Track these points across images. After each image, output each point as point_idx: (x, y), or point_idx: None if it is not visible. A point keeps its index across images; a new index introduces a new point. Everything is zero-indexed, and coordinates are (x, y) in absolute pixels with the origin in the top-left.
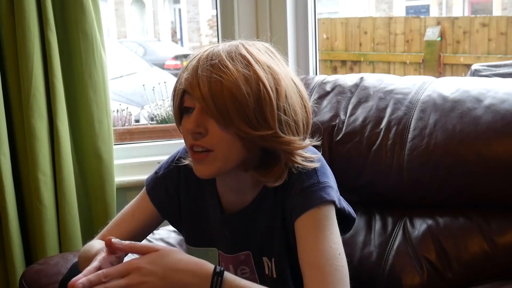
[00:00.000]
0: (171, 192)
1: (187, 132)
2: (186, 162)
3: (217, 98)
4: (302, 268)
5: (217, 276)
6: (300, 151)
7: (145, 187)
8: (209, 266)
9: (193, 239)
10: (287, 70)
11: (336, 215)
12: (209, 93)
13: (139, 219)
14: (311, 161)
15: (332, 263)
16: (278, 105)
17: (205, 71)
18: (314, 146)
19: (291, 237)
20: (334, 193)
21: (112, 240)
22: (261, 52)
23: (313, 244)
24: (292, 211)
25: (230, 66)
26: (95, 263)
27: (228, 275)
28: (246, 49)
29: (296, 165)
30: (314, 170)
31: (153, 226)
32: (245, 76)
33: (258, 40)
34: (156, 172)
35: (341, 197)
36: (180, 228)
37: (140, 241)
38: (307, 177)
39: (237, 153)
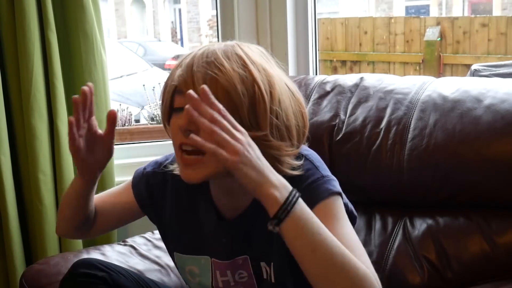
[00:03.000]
0: (155, 194)
1: (177, 129)
2: (174, 167)
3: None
4: None
5: (296, 192)
6: (287, 159)
7: (131, 179)
8: (287, 183)
9: (184, 247)
10: (282, 75)
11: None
12: None
13: (119, 203)
14: (298, 169)
15: (355, 241)
16: (271, 108)
17: (201, 68)
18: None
19: None
20: (339, 186)
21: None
22: (256, 55)
23: (332, 230)
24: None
25: (226, 64)
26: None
27: (300, 200)
28: (242, 49)
29: (282, 173)
30: (315, 167)
31: (133, 217)
32: (240, 76)
33: (253, 43)
34: (144, 168)
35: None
36: (164, 233)
37: (118, 227)
38: (309, 174)
39: None
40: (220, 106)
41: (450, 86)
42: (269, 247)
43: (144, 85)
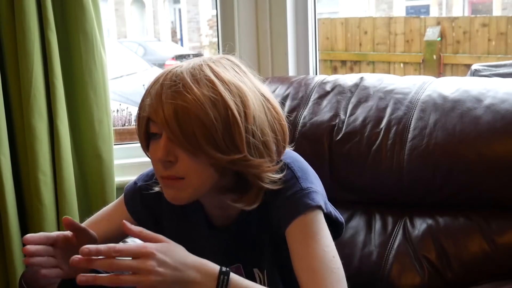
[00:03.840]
0: (151, 205)
1: (156, 160)
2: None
3: (183, 125)
4: (297, 275)
5: (223, 275)
6: (268, 174)
7: (123, 195)
8: (215, 266)
9: None
10: (256, 85)
11: (331, 222)
12: (175, 121)
13: (114, 224)
14: (280, 182)
15: (327, 266)
16: (247, 128)
17: (169, 97)
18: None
19: (281, 248)
20: (320, 197)
21: (124, 221)
22: (227, 70)
23: (306, 250)
24: (280, 222)
25: (195, 89)
26: (52, 234)
27: (233, 276)
28: (211, 68)
29: (262, 188)
30: (295, 177)
31: None
32: (211, 100)
33: (224, 54)
34: (135, 183)
35: (328, 202)
36: None
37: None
38: (289, 186)
39: (210, 179)
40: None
41: (450, 86)
42: (259, 255)
43: (144, 85)
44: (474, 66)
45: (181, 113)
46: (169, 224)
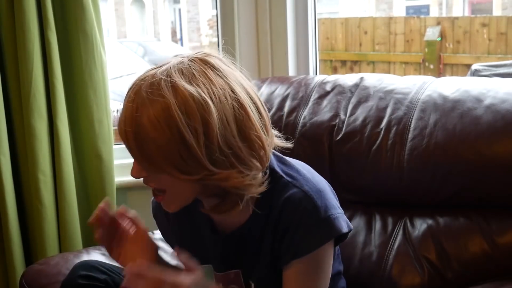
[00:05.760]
0: (163, 209)
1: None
2: None
3: (140, 146)
4: None
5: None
6: (249, 182)
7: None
8: None
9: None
10: (228, 91)
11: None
12: (133, 141)
13: None
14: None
15: None
16: (208, 145)
17: (128, 114)
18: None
19: (278, 262)
20: (340, 221)
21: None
22: (193, 80)
23: (305, 280)
24: (289, 248)
25: (150, 111)
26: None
27: None
28: (172, 83)
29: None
30: (314, 206)
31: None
32: (166, 122)
33: (200, 50)
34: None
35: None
36: (171, 244)
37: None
38: (306, 208)
39: (191, 189)
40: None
41: (450, 86)
42: (257, 267)
43: None
44: (474, 66)
45: (138, 134)
46: (175, 227)
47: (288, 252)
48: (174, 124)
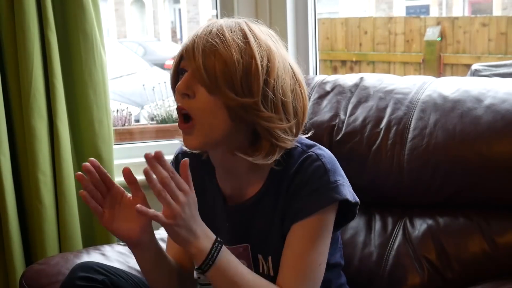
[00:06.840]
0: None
1: (177, 92)
2: (187, 150)
3: (207, 61)
4: (281, 263)
5: (219, 243)
6: (280, 133)
7: None
8: (212, 234)
9: None
10: (286, 55)
11: (348, 207)
12: (201, 56)
13: None
14: (291, 143)
15: (311, 271)
16: (266, 80)
17: (202, 36)
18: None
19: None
20: (347, 190)
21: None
22: (262, 33)
23: (301, 249)
24: (294, 209)
25: (227, 35)
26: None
27: (225, 248)
28: (248, 25)
29: (277, 147)
30: (325, 169)
31: None
32: (239, 46)
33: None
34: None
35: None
36: None
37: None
38: (318, 177)
39: (222, 123)
40: (170, 167)
41: (450, 86)
42: (267, 239)
43: (144, 85)
44: (474, 66)
45: (208, 51)
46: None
47: (292, 212)
48: (246, 50)
